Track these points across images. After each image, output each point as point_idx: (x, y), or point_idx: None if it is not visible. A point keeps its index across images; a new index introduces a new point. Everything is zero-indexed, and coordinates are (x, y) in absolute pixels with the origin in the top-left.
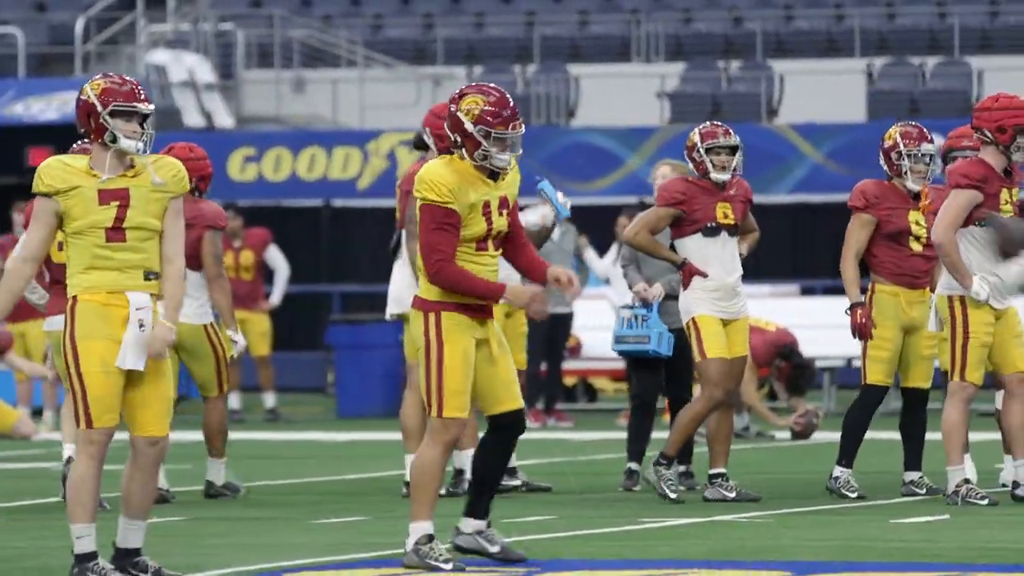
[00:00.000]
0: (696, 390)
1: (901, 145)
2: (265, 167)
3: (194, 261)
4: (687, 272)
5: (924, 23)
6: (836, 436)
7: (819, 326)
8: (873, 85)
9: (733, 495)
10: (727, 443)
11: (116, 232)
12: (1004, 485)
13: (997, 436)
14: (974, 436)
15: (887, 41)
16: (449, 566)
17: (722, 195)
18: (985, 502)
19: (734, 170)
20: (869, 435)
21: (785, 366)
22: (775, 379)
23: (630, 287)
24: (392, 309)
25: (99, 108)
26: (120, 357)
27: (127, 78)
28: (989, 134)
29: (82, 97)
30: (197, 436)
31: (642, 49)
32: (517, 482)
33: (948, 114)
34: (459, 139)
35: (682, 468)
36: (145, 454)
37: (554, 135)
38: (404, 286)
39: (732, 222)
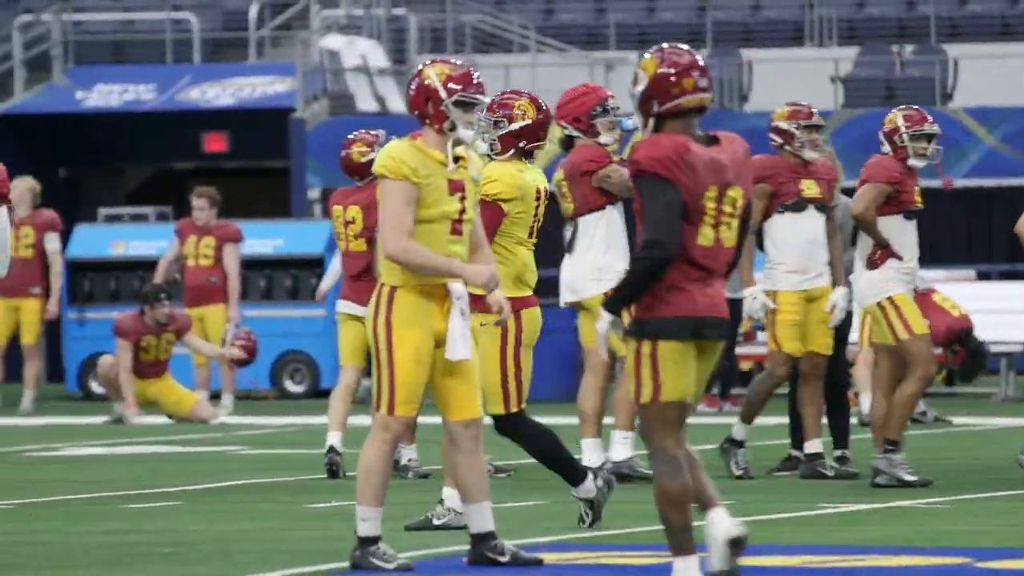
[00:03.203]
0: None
1: None
2: None
3: None
4: (885, 252)
5: None
6: (1013, 422)
7: (996, 311)
8: None
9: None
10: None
11: (458, 224)
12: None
13: None
14: None
15: None
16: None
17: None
18: None
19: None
20: None
21: (960, 351)
22: (950, 363)
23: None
24: (567, 297)
25: (442, 95)
26: (451, 349)
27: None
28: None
29: (424, 82)
30: None
31: (815, 33)
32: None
33: None
34: None
35: (838, 452)
36: (463, 436)
37: (727, 119)
38: (579, 275)
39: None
